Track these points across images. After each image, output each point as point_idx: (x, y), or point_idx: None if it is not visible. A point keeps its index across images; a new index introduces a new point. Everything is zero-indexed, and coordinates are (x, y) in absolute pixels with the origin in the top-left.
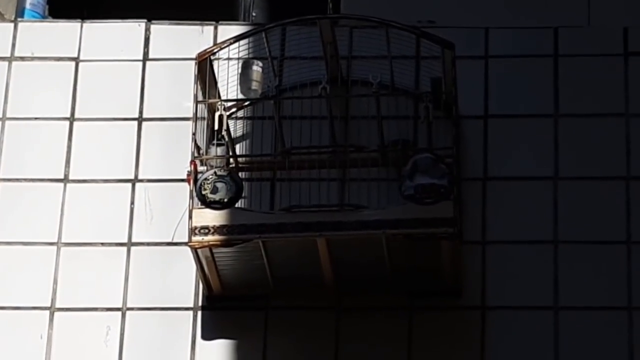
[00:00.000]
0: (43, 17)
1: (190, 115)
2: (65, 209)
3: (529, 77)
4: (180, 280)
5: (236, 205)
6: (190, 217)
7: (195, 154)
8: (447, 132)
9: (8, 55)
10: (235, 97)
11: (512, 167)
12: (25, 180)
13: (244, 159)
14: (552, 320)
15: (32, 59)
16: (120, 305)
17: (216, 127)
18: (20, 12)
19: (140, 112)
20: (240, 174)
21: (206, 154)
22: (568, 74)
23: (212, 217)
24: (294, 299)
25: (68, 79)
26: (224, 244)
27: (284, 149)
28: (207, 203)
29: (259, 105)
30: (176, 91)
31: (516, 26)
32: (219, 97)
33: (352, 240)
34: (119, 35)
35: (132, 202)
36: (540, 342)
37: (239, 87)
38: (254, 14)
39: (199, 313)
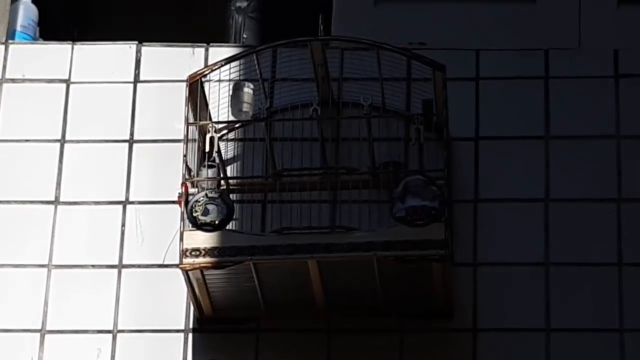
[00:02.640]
0: (34, 39)
1: (181, 137)
2: (56, 231)
3: (520, 99)
4: (171, 303)
5: (227, 227)
6: (181, 239)
7: (186, 176)
8: (438, 154)
9: None
10: (226, 119)
11: (503, 189)
12: (16, 202)
13: (235, 180)
14: (544, 343)
15: (23, 81)
16: (111, 328)
17: (207, 149)
18: (11, 34)
19: (131, 134)
20: (231, 195)
21: (197, 175)
22: (559, 96)
23: (203, 239)
24: (285, 321)
25: (59, 101)
26: (215, 266)
27: (275, 171)
28: (198, 225)
29: (250, 127)
30: (167, 113)
31: (507, 48)
32: (210, 119)
33: (343, 262)
34: (110, 57)
35: (123, 224)
36: None
37: (230, 109)
38: (244, 36)
39: (190, 335)
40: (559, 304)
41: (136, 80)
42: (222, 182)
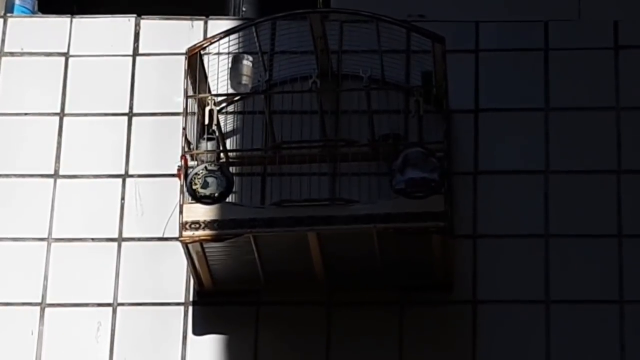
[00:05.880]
0: (32, 13)
1: (181, 110)
2: (55, 205)
3: (520, 71)
4: (171, 276)
5: (227, 200)
6: (180, 212)
7: (186, 149)
8: (438, 126)
9: None
10: (225, 92)
11: (503, 161)
12: (15, 176)
13: (234, 153)
14: (544, 314)
15: (22, 54)
16: (111, 301)
17: (206, 121)
18: (9, 8)
19: (131, 107)
20: (230, 168)
21: (196, 148)
22: (558, 68)
23: (202, 212)
24: (285, 293)
25: (58, 74)
26: (214, 238)
27: (274, 144)
28: (197, 198)
29: (250, 100)
30: (166, 86)
31: (506, 20)
32: (209, 91)
33: (343, 234)
34: (109, 31)
35: (123, 198)
36: (532, 336)
37: (229, 81)
38: (244, 9)
39: (190, 308)
40: (559, 275)
41: (135, 53)
42: (222, 154)
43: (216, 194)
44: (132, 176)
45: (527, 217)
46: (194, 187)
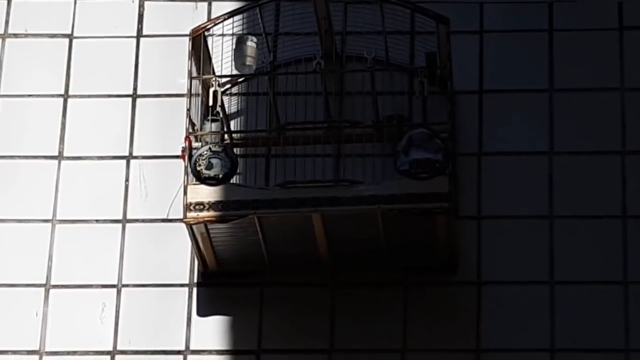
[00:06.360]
0: None
1: (185, 91)
2: (59, 186)
3: (524, 52)
4: (176, 257)
5: (231, 181)
6: (185, 193)
7: (190, 130)
8: (442, 107)
9: (2, 32)
10: (229, 73)
11: (507, 142)
12: (20, 157)
13: (238, 134)
14: (548, 295)
15: (26, 35)
16: (115, 282)
17: (211, 103)
18: None
19: (135, 88)
20: (235, 149)
21: (201, 130)
22: (563, 49)
23: (207, 193)
24: (289, 275)
25: (62, 56)
26: (219, 220)
27: (278, 125)
28: (201, 179)
29: (254, 81)
30: (170, 67)
31: (511, 0)
32: (214, 73)
33: (347, 215)
34: (113, 12)
35: (127, 179)
36: (536, 317)
37: (233, 63)
38: None
39: (194, 289)
40: (563, 256)
41: (139, 34)
42: (226, 136)
43: (220, 175)
44: (136, 157)
45: (531, 198)
46: (198, 168)
